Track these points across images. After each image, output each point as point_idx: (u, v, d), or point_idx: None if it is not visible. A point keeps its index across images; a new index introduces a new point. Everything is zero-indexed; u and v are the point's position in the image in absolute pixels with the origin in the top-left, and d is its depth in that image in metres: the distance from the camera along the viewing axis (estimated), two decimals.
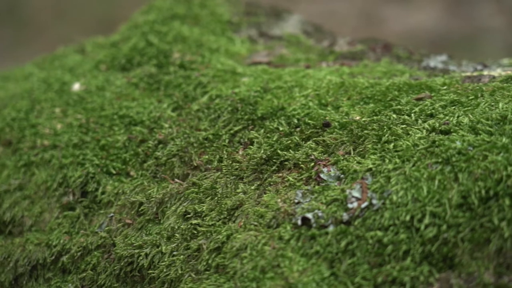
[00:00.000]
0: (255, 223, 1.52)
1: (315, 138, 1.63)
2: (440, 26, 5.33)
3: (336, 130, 1.63)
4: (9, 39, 6.59)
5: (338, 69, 1.84)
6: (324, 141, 1.62)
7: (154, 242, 1.59)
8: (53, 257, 1.67)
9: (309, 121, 1.66)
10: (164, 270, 1.56)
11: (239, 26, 2.02)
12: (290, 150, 1.62)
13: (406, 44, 2.00)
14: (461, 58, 1.93)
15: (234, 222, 1.55)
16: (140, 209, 1.65)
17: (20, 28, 6.63)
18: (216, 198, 1.60)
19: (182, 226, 1.58)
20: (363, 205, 1.49)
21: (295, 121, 1.67)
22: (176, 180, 1.66)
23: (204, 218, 1.58)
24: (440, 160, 1.50)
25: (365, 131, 1.60)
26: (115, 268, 1.61)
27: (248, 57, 1.93)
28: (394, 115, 1.62)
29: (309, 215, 1.50)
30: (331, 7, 5.54)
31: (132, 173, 1.71)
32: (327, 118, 1.65)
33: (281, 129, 1.66)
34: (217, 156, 1.66)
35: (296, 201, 1.54)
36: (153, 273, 1.57)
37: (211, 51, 1.91)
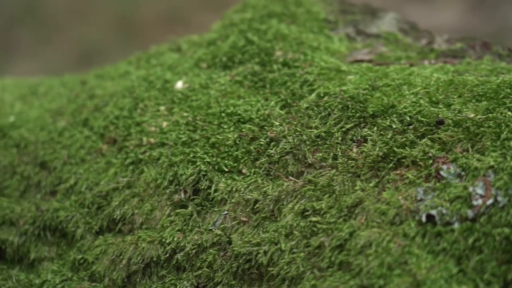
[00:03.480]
0: (378, 220, 1.56)
1: (430, 136, 1.66)
2: (462, 25, 5.36)
3: (450, 127, 1.66)
4: (28, 38, 6.64)
5: (442, 67, 1.87)
6: (440, 138, 1.65)
7: (272, 239, 1.62)
8: (167, 255, 1.71)
9: (422, 119, 1.69)
10: (285, 268, 1.59)
11: (336, 24, 2.06)
12: (406, 147, 1.65)
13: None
14: None
15: (354, 219, 1.58)
16: (255, 207, 1.68)
17: (39, 28, 6.68)
18: (334, 195, 1.63)
19: (301, 224, 1.62)
20: (488, 202, 1.52)
21: (408, 118, 1.70)
22: (291, 177, 1.70)
23: (324, 215, 1.61)
24: None
25: (482, 129, 1.63)
26: (233, 265, 1.64)
27: (349, 55, 1.96)
28: (510, 113, 1.65)
29: (433, 212, 1.54)
30: None
31: (244, 170, 1.74)
32: (440, 115, 1.69)
33: (394, 126, 1.69)
34: (331, 154, 1.70)
35: (418, 198, 1.57)
36: (273, 270, 1.60)
37: (312, 49, 1.95)
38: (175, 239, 1.71)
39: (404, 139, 1.67)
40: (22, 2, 6.87)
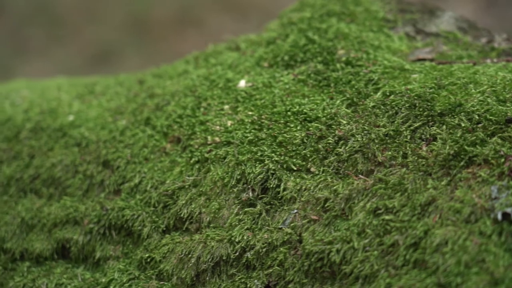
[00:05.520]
0: (453, 219, 1.58)
1: (500, 134, 1.68)
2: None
3: None
4: (41, 38, 6.66)
5: (506, 66, 1.89)
6: (510, 137, 1.67)
7: (344, 238, 1.64)
8: (237, 254, 1.73)
9: (491, 117, 1.71)
10: (358, 266, 1.61)
11: (395, 23, 2.08)
12: (476, 146, 1.67)
13: None
14: None
15: (428, 217, 1.60)
16: (325, 205, 1.70)
17: (52, 27, 6.70)
18: (406, 194, 1.65)
19: (373, 222, 1.64)
20: None
21: (476, 117, 1.72)
22: (360, 176, 1.72)
23: (396, 213, 1.63)
24: None
25: None
26: (304, 264, 1.66)
27: (411, 54, 1.98)
28: None
29: (509, 210, 1.56)
30: None
31: (313, 169, 1.76)
32: (509, 114, 1.70)
33: (463, 125, 1.71)
34: (401, 152, 1.72)
35: (492, 196, 1.59)
36: (346, 268, 1.62)
37: (374, 48, 1.97)
38: (245, 237, 1.73)
39: (474, 137, 1.69)
40: (34, 1, 6.90)
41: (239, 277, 1.72)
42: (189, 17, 6.73)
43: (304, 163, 1.78)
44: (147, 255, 1.81)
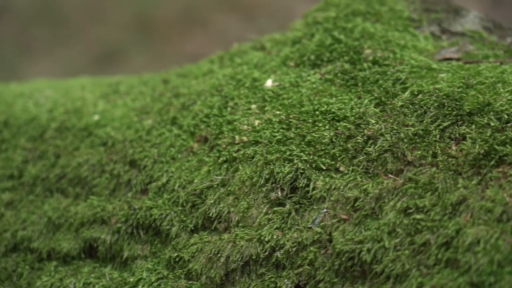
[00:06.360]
0: (484, 218, 1.59)
1: None
2: None
3: None
4: (45, 38, 6.67)
5: None
6: None
7: (375, 237, 1.66)
8: (266, 253, 1.74)
9: None
10: (389, 265, 1.62)
11: (420, 22, 2.09)
12: (506, 145, 1.68)
13: None
14: None
15: (459, 216, 1.61)
16: (355, 205, 1.71)
17: (57, 27, 6.71)
18: (436, 193, 1.66)
19: (404, 221, 1.65)
20: None
21: (505, 116, 1.73)
22: (390, 175, 1.73)
23: (427, 213, 1.64)
24: None
25: None
26: (335, 263, 1.67)
27: (437, 53, 2.00)
28: None
29: None
30: None
31: (342, 168, 1.78)
32: None
33: (492, 124, 1.72)
34: (430, 152, 1.73)
35: None
36: (377, 268, 1.63)
37: (400, 47, 1.98)
38: (274, 237, 1.74)
39: (504, 136, 1.70)
40: (39, 1, 6.91)
41: (269, 276, 1.73)
42: (194, 17, 6.75)
43: (333, 162, 1.79)
44: (175, 254, 1.82)
